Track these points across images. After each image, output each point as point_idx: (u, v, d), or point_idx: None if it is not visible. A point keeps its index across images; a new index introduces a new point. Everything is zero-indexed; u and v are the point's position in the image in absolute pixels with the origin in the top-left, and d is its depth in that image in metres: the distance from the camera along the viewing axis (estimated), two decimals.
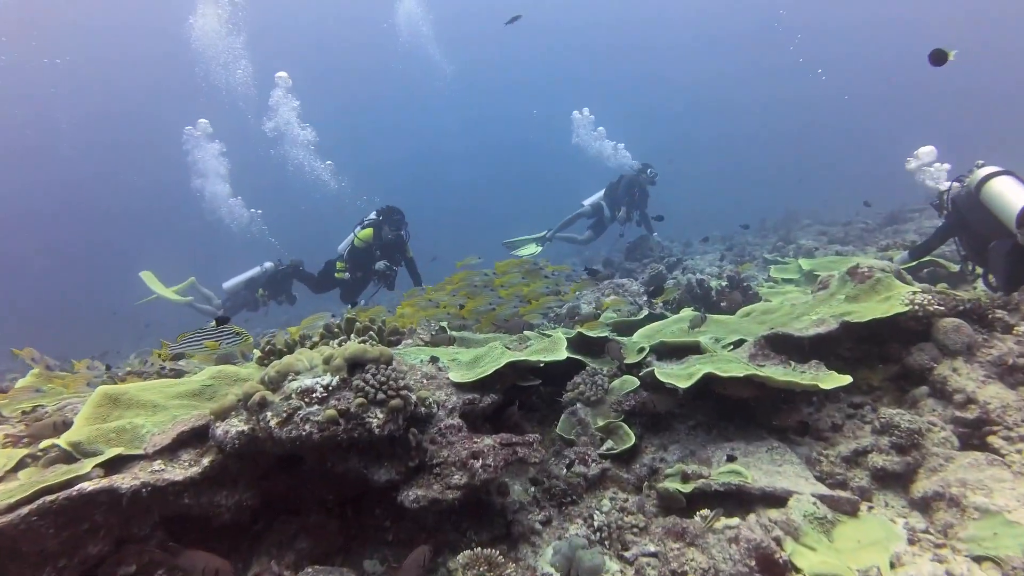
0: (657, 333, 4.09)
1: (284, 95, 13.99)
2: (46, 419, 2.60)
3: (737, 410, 3.27)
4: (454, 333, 4.15)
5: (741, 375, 2.85)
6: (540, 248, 10.96)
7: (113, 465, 2.27)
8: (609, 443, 3.06)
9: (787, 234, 15.78)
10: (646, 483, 2.91)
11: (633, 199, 11.15)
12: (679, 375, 3.01)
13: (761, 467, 2.76)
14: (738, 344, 3.63)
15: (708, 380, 2.97)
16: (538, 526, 2.55)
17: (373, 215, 7.96)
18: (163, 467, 2.24)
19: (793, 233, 15.55)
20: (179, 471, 2.21)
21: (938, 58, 4.25)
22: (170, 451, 2.34)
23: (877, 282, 3.43)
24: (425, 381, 2.76)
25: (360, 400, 2.11)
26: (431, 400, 2.37)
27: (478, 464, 2.31)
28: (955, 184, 5.06)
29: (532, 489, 2.80)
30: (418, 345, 3.75)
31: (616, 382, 3.45)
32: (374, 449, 2.22)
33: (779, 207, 18.60)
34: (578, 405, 3.29)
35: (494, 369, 2.69)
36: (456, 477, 2.28)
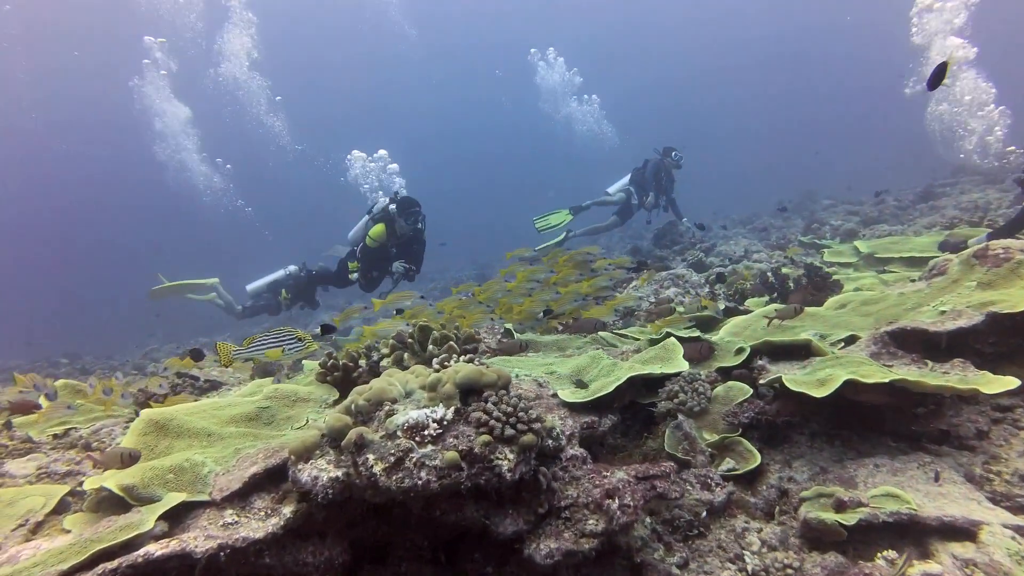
0: (747, 330, 3.69)
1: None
2: (112, 448, 2.20)
3: (855, 416, 2.87)
4: (522, 337, 3.74)
5: (886, 381, 2.45)
6: (571, 218, 10.47)
7: (174, 514, 1.88)
8: (729, 462, 2.67)
9: (810, 215, 15.36)
10: (777, 508, 2.52)
11: (660, 184, 10.71)
12: (808, 382, 2.61)
13: (918, 488, 2.36)
14: (849, 341, 3.23)
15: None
16: (675, 570, 2.15)
17: (384, 201, 7.11)
18: (236, 518, 1.84)
19: (817, 214, 15.12)
20: (257, 524, 1.81)
21: (937, 76, 3.61)
22: (241, 496, 1.94)
23: (1018, 266, 3.02)
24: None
25: (485, 438, 1.70)
26: (558, 431, 1.96)
27: (615, 505, 1.91)
28: None
29: (649, 520, 2.40)
30: (484, 354, 3.35)
31: (720, 389, 3.04)
32: (496, 493, 1.81)
33: (789, 190, 18.22)
34: (680, 418, 2.89)
35: (615, 386, 2.28)
36: (591, 522, 1.88)
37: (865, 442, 2.76)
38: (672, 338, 2.90)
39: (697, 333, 3.57)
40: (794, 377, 2.65)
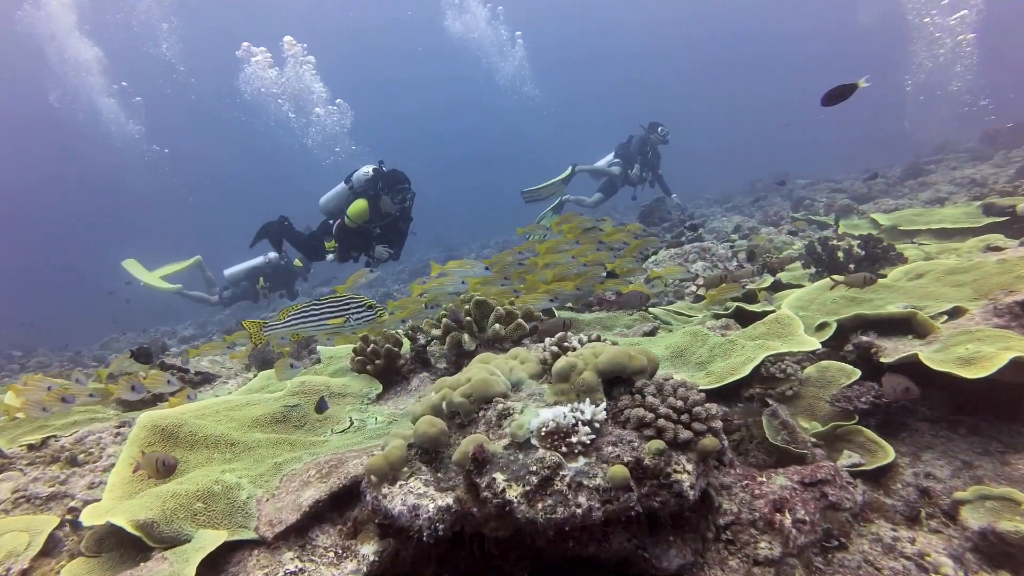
0: (813, 304, 3.29)
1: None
2: (148, 457, 1.64)
3: (972, 400, 2.49)
4: (564, 315, 3.26)
5: None
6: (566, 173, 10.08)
7: (211, 560, 1.36)
8: (851, 456, 2.25)
9: (789, 193, 15.26)
10: (922, 512, 2.11)
11: (646, 158, 10.38)
12: (949, 361, 2.20)
13: None
14: (951, 314, 2.84)
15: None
16: None
17: (367, 170, 6.03)
18: (300, 563, 1.33)
19: (796, 193, 15.01)
20: (330, 574, 1.31)
21: (839, 96, 3.15)
22: (298, 532, 1.43)
23: None
24: None
25: (657, 445, 1.23)
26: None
27: (788, 521, 1.46)
28: None
29: None
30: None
31: (811, 370, 2.62)
32: (653, 518, 1.34)
33: (760, 171, 18.21)
34: (773, 404, 2.46)
35: (751, 368, 1.83)
36: (763, 545, 1.44)
37: (1000, 431, 2.39)
38: (786, 311, 2.46)
39: (769, 306, 3.15)
40: (931, 355, 2.25)
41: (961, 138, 15.32)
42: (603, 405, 1.30)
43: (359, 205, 5.84)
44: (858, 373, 2.52)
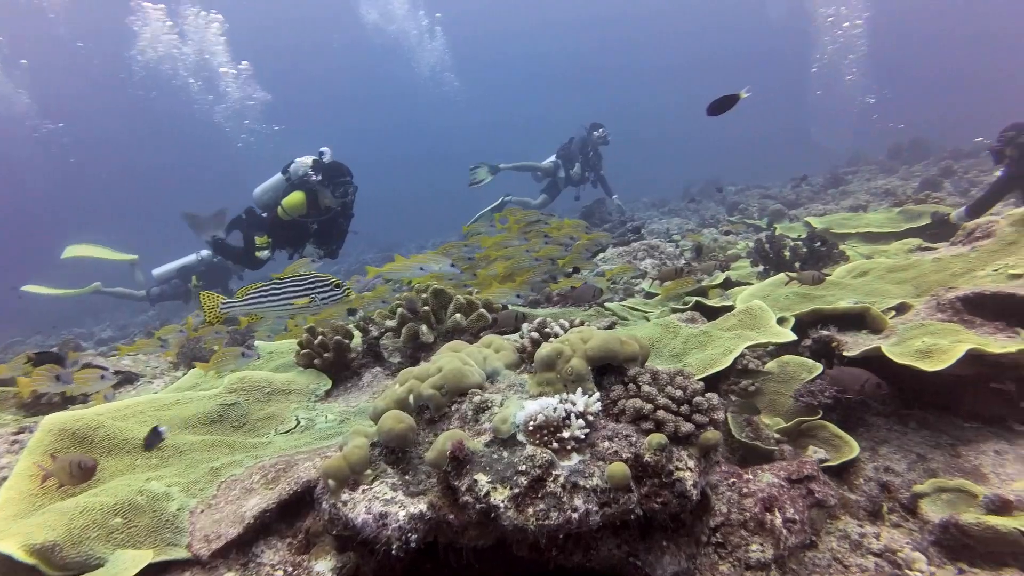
0: (767, 300, 3.30)
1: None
2: (60, 461, 1.37)
3: (919, 394, 2.53)
4: (518, 309, 3.13)
5: (1014, 351, 2.09)
6: (499, 201, 9.98)
7: None
8: (817, 451, 2.22)
9: (722, 199, 15.77)
10: (885, 507, 2.10)
11: (587, 158, 10.47)
12: (908, 355, 2.21)
13: None
14: (898, 309, 2.90)
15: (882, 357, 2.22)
16: None
17: (305, 160, 5.46)
18: None
19: (729, 198, 15.54)
20: None
21: (722, 106, 3.27)
22: (240, 548, 1.23)
23: None
24: None
25: (658, 439, 1.11)
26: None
27: (778, 521, 1.38)
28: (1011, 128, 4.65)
29: None
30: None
31: (772, 365, 2.60)
32: (649, 521, 1.23)
33: (694, 175, 18.81)
34: (734, 399, 2.42)
35: (732, 359, 1.75)
36: (755, 548, 1.35)
37: (946, 424, 2.42)
38: (758, 302, 2.40)
39: (727, 301, 3.12)
40: (892, 349, 2.24)
41: (869, 151, 16.23)
42: (596, 395, 1.17)
43: (296, 197, 5.34)
44: (820, 368, 2.50)
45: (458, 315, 2.08)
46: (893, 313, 2.90)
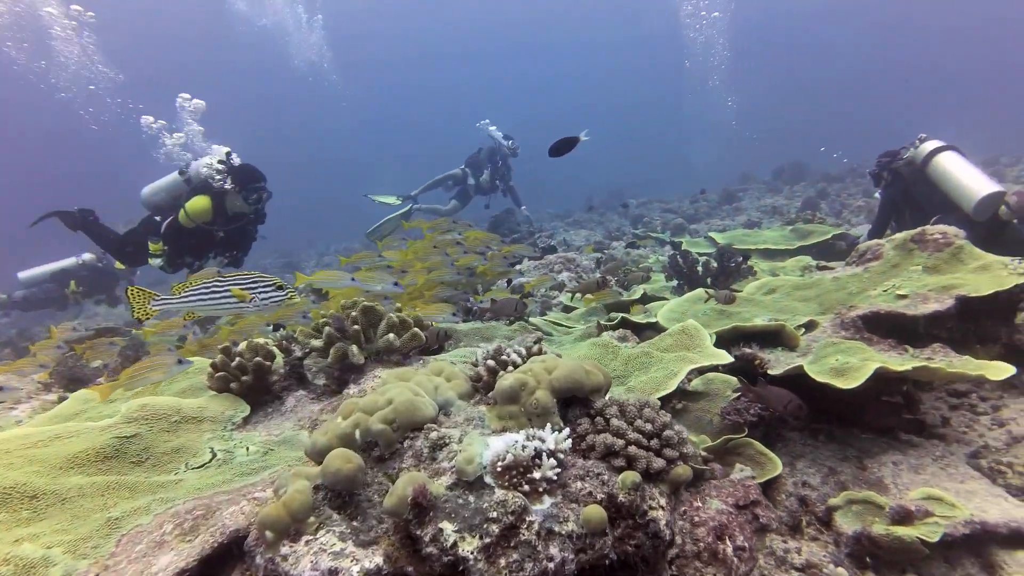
0: (685, 316, 3.40)
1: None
2: None
3: (825, 408, 2.69)
4: (441, 325, 3.02)
5: (910, 368, 2.25)
6: (407, 208, 9.79)
7: None
8: (744, 470, 2.28)
9: (625, 211, 16.39)
10: (804, 520, 2.19)
11: (496, 168, 10.55)
12: (826, 372, 2.32)
13: (946, 486, 2.18)
14: (808, 326, 3.06)
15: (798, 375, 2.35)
16: None
17: (210, 161, 4.93)
18: None
19: (632, 211, 16.18)
20: None
21: (563, 148, 3.53)
22: None
23: (959, 250, 3.07)
24: None
25: (631, 477, 1.06)
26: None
27: (730, 550, 1.38)
28: (885, 156, 5.11)
29: None
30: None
31: (697, 382, 2.66)
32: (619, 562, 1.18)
33: (595, 189, 19.50)
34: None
35: (677, 383, 1.74)
36: None
37: (850, 436, 2.57)
38: (693, 322, 2.43)
39: (651, 317, 3.17)
40: (811, 367, 2.35)
41: (755, 171, 17.43)
42: (566, 431, 1.10)
43: (201, 203, 4.77)
44: (736, 383, 2.59)
45: (391, 335, 1.95)
46: (803, 330, 3.05)
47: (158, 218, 4.94)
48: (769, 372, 2.54)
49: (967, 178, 4.29)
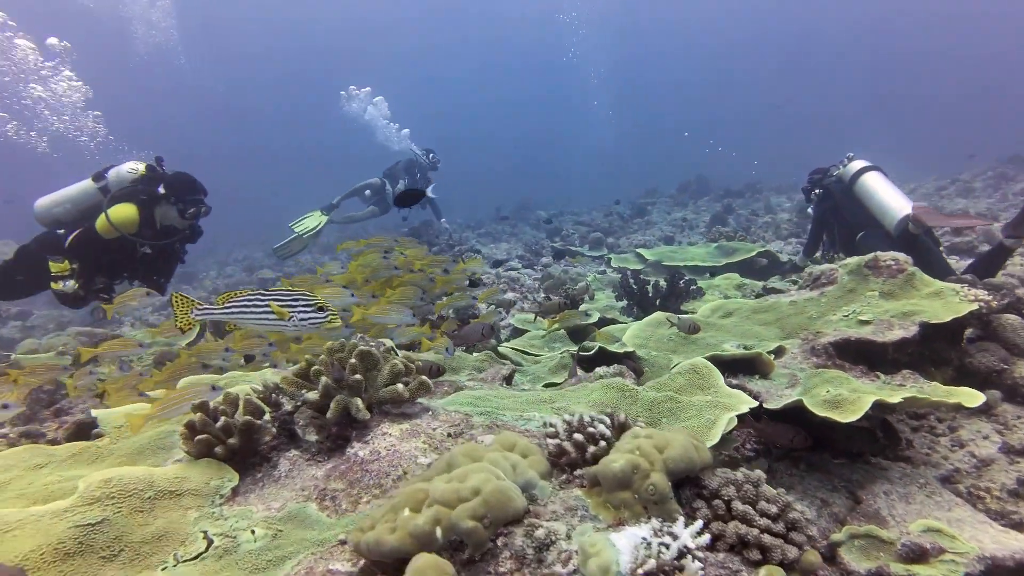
0: (651, 341, 3.38)
1: None
2: None
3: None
4: (429, 358, 2.81)
5: (900, 400, 2.31)
6: (326, 218, 9.35)
7: None
8: None
9: (538, 223, 16.62)
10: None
11: (414, 180, 10.39)
12: (820, 405, 2.33)
13: (937, 515, 2.24)
14: (777, 352, 3.11)
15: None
16: None
17: (134, 167, 4.28)
18: None
19: (543, 224, 16.42)
20: None
21: (404, 200, 3.61)
22: None
23: (912, 276, 3.24)
24: None
25: (774, 572, 0.94)
26: None
27: None
28: (815, 173, 5.43)
29: None
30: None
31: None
32: None
33: (503, 199, 19.71)
34: None
35: (722, 435, 1.66)
36: None
37: (831, 465, 2.62)
38: (702, 360, 2.35)
39: (626, 347, 3.11)
40: (810, 402, 2.35)
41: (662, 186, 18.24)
42: (698, 524, 0.97)
43: (127, 210, 4.08)
44: (733, 417, 2.56)
45: (399, 386, 1.74)
46: (773, 357, 3.10)
47: (61, 231, 4.25)
48: (766, 406, 2.53)
49: (889, 198, 4.60)
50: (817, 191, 5.31)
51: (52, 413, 2.37)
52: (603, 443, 1.15)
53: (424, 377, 1.79)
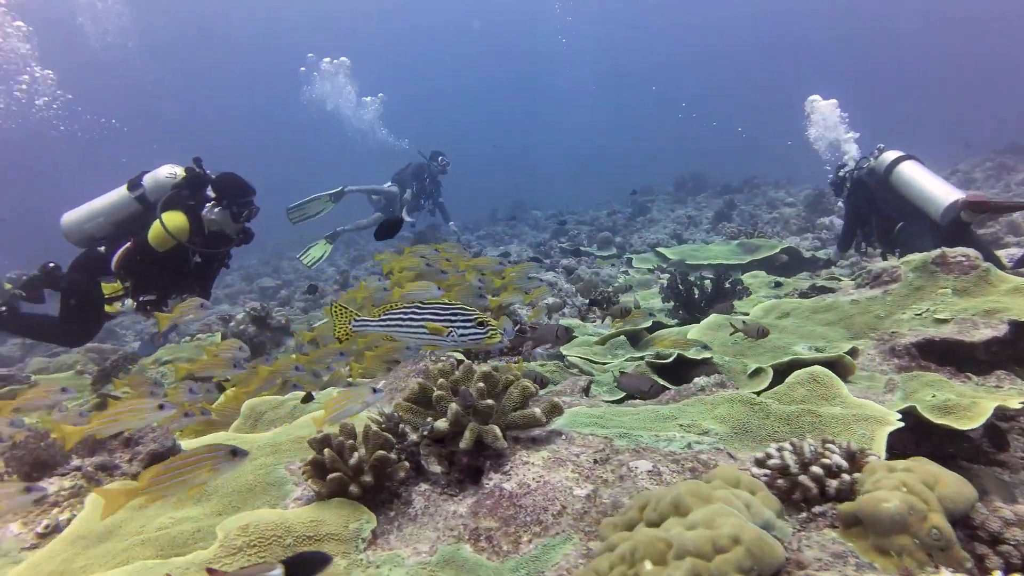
0: (713, 343, 3.30)
1: None
2: None
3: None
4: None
5: (1020, 404, 2.22)
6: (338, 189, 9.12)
7: None
8: None
9: (535, 223, 16.60)
10: None
11: (424, 185, 10.25)
12: (935, 411, 2.24)
13: None
14: (851, 354, 3.03)
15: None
16: None
17: (173, 171, 3.98)
18: None
19: (541, 223, 16.44)
20: None
21: (389, 230, 3.37)
22: None
23: (987, 272, 3.16)
24: None
25: None
26: None
27: None
28: (846, 166, 5.34)
29: None
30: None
31: None
32: None
33: (499, 201, 19.68)
34: None
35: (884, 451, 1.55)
36: None
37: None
38: (820, 368, 2.23)
39: (704, 353, 3.01)
40: (926, 409, 2.25)
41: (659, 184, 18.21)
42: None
43: (177, 219, 3.75)
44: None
45: (537, 410, 1.62)
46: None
47: (102, 249, 3.91)
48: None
49: (931, 186, 4.51)
50: (847, 185, 5.23)
51: (121, 443, 2.20)
52: (845, 476, 1.05)
53: (556, 400, 1.68)
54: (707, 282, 4.37)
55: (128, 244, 3.86)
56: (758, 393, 2.25)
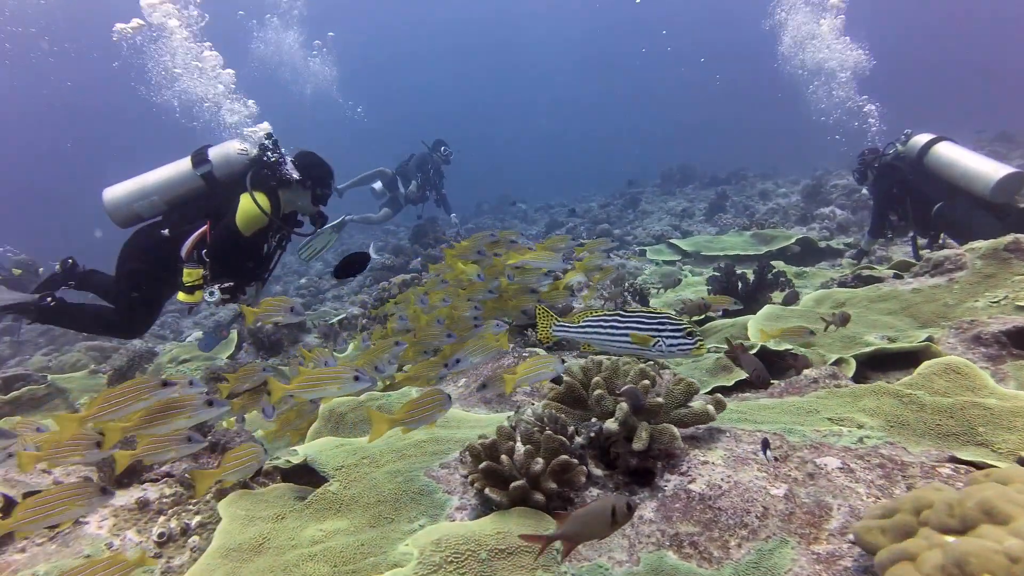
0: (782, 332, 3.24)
1: None
2: None
3: None
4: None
5: None
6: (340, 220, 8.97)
7: None
8: None
9: (525, 216, 16.51)
10: None
11: (427, 176, 10.10)
12: None
13: None
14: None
15: None
16: None
17: (243, 147, 3.56)
18: None
19: (530, 215, 16.38)
20: None
21: (354, 267, 3.34)
22: None
23: None
24: None
25: None
26: None
27: None
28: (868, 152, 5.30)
29: None
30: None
31: None
32: None
33: (487, 194, 19.60)
34: None
35: None
36: None
37: None
38: (957, 358, 2.14)
39: (785, 343, 2.94)
40: None
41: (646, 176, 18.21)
42: None
43: (263, 200, 3.37)
44: None
45: (711, 407, 1.53)
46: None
47: (165, 231, 3.43)
48: None
49: (976, 163, 4.47)
50: (871, 172, 5.19)
51: (207, 447, 2.06)
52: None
53: (719, 395, 1.58)
54: (750, 273, 4.32)
55: (203, 227, 3.40)
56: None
